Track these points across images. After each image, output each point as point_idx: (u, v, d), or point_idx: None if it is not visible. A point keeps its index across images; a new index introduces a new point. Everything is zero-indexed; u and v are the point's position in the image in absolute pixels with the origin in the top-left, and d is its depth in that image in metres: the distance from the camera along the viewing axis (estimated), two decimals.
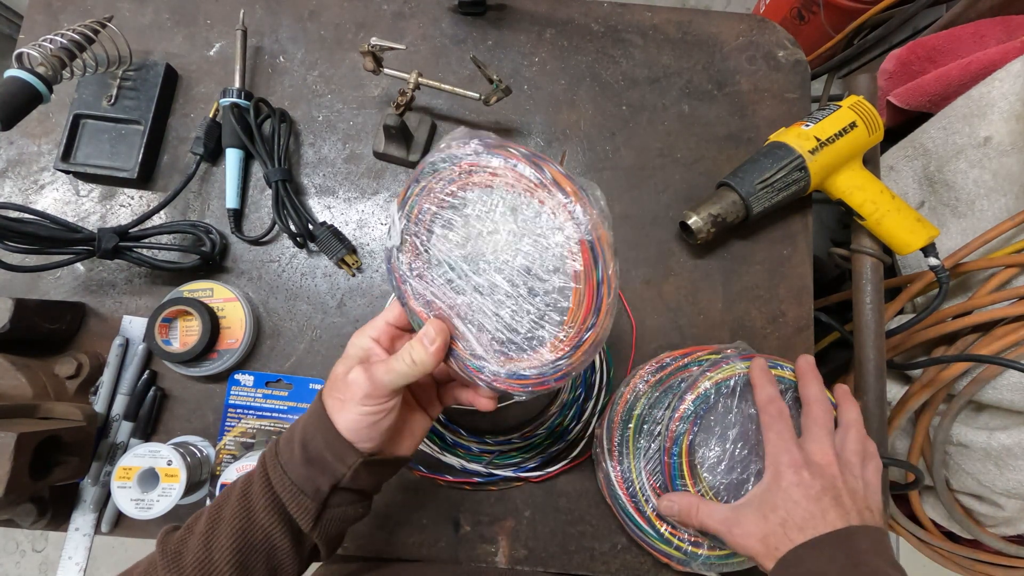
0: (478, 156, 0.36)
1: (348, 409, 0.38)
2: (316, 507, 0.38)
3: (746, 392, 0.51)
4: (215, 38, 0.67)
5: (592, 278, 0.35)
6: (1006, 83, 0.67)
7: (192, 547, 0.37)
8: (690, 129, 0.66)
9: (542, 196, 0.35)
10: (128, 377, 0.57)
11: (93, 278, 0.61)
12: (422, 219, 0.39)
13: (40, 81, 0.51)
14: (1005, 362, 0.61)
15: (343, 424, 0.38)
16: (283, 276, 0.62)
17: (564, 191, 0.35)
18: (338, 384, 0.39)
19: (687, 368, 0.55)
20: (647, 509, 0.53)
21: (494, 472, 0.56)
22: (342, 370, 0.39)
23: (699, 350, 0.56)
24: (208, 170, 0.64)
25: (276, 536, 0.37)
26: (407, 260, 0.40)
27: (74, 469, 0.51)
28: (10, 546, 1.39)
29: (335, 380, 0.39)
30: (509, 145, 0.36)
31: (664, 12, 0.69)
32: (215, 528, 0.37)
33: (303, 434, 0.39)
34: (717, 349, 0.56)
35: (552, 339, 0.37)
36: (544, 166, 0.35)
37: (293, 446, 0.38)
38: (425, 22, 0.68)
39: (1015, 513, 0.69)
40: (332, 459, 0.38)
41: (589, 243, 0.35)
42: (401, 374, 0.38)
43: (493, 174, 0.36)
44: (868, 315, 0.60)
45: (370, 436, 0.38)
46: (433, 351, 0.38)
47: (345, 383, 0.38)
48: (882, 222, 0.58)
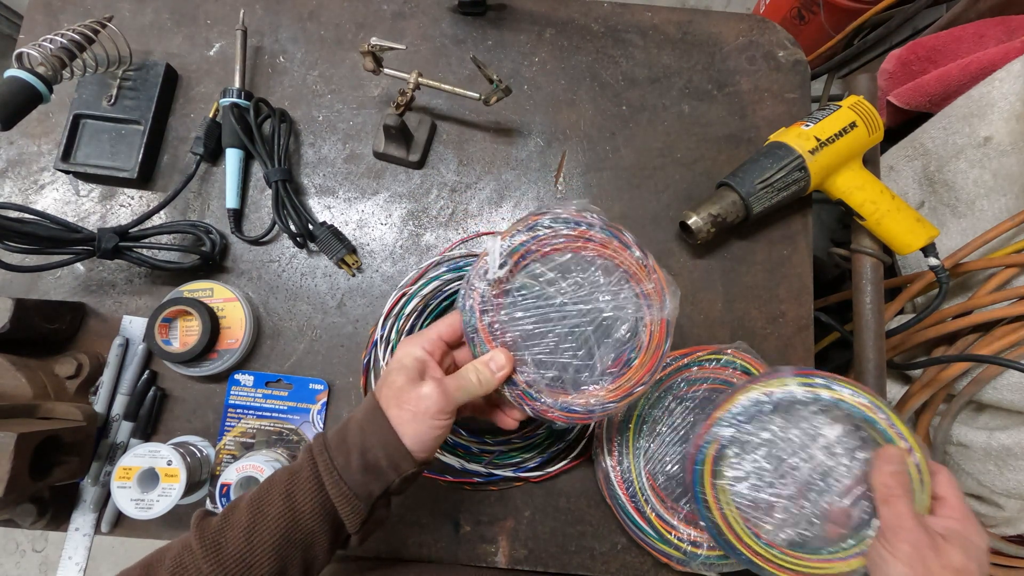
0: (593, 228, 0.45)
1: (420, 422, 0.39)
2: (366, 511, 0.39)
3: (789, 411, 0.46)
4: (215, 38, 0.67)
5: (659, 350, 0.45)
6: (1006, 83, 0.67)
7: (232, 539, 0.37)
8: (690, 129, 0.66)
9: (639, 276, 0.45)
10: (128, 377, 0.57)
11: (93, 278, 0.61)
12: (522, 261, 0.44)
13: (40, 81, 0.51)
14: (1005, 362, 0.61)
15: (412, 436, 0.39)
16: (283, 276, 0.62)
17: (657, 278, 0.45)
18: (404, 396, 0.40)
19: (688, 368, 0.55)
20: (647, 509, 0.53)
21: (494, 472, 0.56)
22: (403, 381, 0.40)
23: (699, 350, 0.56)
24: (208, 170, 0.64)
25: (318, 535, 0.39)
26: (491, 292, 0.44)
27: (74, 469, 0.51)
28: (10, 546, 1.39)
29: (398, 391, 0.40)
30: (623, 229, 0.46)
31: (664, 12, 0.69)
32: (258, 524, 0.38)
33: (362, 442, 0.39)
34: (717, 349, 0.56)
35: (608, 385, 0.44)
36: (648, 254, 0.46)
37: (350, 453, 0.39)
38: (425, 22, 0.68)
39: (1015, 513, 0.69)
40: (387, 467, 0.39)
41: (667, 323, 0.45)
42: (468, 392, 0.41)
43: (603, 246, 0.45)
44: (868, 315, 0.61)
45: (431, 447, 0.40)
46: (499, 376, 0.42)
47: (416, 396, 0.39)
48: (882, 222, 0.58)
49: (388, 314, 0.58)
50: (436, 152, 0.65)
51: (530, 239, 0.44)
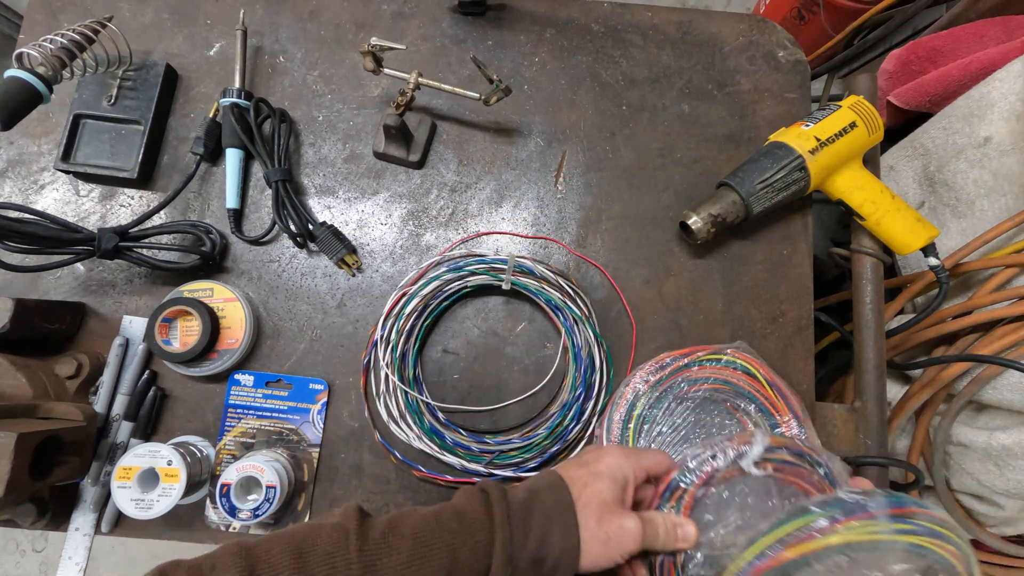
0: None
1: (610, 552, 0.38)
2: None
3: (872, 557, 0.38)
4: (215, 38, 0.67)
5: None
6: (1006, 83, 0.67)
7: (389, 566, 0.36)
8: (690, 129, 0.66)
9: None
10: (128, 377, 0.57)
11: (93, 278, 0.61)
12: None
13: (40, 81, 0.51)
14: (1005, 362, 0.61)
15: (591, 558, 0.38)
16: (283, 276, 0.62)
17: None
18: (607, 516, 0.38)
19: (688, 368, 0.55)
20: None
21: (494, 472, 0.56)
22: (611, 496, 0.39)
23: (699, 350, 0.56)
24: (208, 170, 0.64)
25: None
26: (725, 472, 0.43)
27: (74, 469, 0.51)
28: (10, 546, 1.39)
29: (602, 504, 0.39)
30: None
31: (664, 12, 0.69)
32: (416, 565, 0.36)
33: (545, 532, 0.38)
34: (717, 349, 0.56)
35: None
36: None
37: (529, 537, 0.38)
38: (425, 22, 0.68)
39: (1015, 513, 0.69)
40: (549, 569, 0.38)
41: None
42: (651, 542, 0.40)
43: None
44: (868, 315, 0.61)
45: (590, 572, 0.39)
46: (679, 546, 0.41)
47: (619, 526, 0.38)
48: (882, 222, 0.58)
49: (388, 314, 0.58)
50: (436, 152, 0.65)
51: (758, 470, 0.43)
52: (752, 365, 0.55)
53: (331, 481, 0.58)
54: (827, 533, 0.37)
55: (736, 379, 0.54)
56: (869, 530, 0.37)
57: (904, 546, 0.37)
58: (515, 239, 0.63)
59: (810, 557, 0.37)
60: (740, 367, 0.55)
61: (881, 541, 0.37)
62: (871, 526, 0.37)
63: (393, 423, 0.57)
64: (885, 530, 0.37)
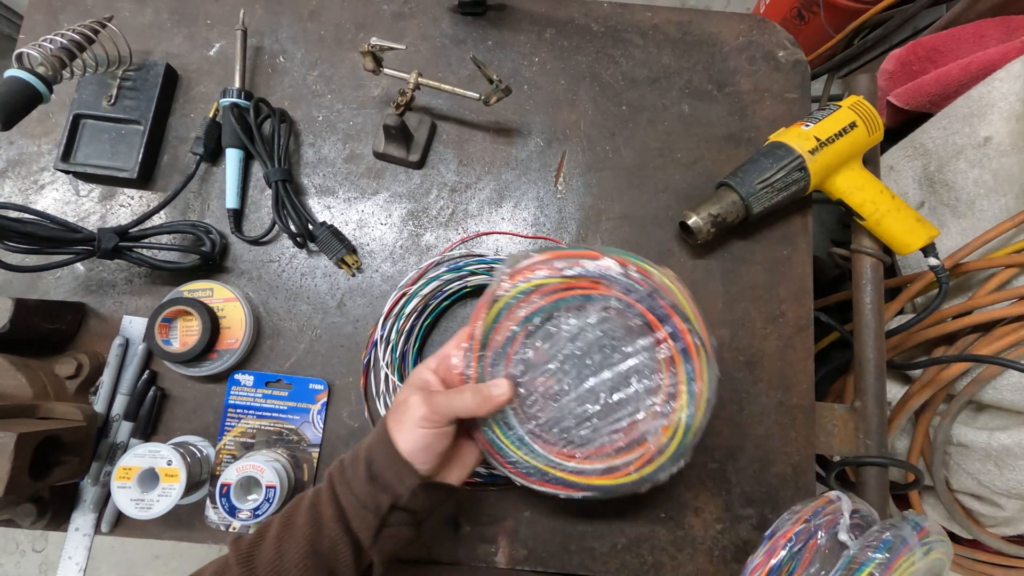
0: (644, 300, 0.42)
1: (407, 430, 0.41)
2: (376, 523, 0.40)
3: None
4: (215, 38, 0.67)
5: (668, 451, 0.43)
6: (1006, 83, 0.67)
7: (265, 550, 0.39)
8: (690, 129, 0.66)
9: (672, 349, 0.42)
10: (128, 377, 0.57)
11: (93, 278, 0.61)
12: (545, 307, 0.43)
13: (40, 81, 0.51)
14: (1005, 362, 0.61)
15: (403, 444, 0.41)
16: (283, 276, 0.62)
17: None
18: (400, 408, 0.42)
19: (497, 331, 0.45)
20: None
21: (494, 472, 0.56)
22: (403, 396, 0.43)
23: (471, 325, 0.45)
24: (208, 170, 0.64)
25: (341, 547, 0.40)
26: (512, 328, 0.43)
27: (74, 469, 0.51)
28: (10, 546, 1.39)
29: (396, 404, 0.43)
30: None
31: (664, 12, 0.69)
32: (286, 534, 0.40)
33: (368, 453, 0.42)
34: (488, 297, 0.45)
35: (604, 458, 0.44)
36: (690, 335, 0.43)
37: (358, 464, 0.41)
38: (425, 22, 0.68)
39: (1015, 513, 0.69)
40: (392, 478, 0.41)
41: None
42: (460, 405, 0.42)
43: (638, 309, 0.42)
44: (868, 315, 0.61)
45: (426, 458, 0.41)
46: (499, 400, 0.43)
47: (405, 406, 0.42)
48: (882, 222, 0.58)
49: (388, 314, 0.58)
50: (436, 152, 0.65)
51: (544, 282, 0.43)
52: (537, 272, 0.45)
53: None
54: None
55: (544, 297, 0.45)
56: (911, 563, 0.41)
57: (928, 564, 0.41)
58: (515, 239, 0.63)
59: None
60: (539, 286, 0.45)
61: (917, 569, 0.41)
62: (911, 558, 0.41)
63: None
64: (919, 557, 0.41)
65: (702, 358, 0.43)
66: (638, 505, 0.58)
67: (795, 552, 0.44)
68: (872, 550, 0.41)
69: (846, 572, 0.41)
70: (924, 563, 0.42)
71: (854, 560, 0.42)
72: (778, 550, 0.45)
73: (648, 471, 0.44)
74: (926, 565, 0.42)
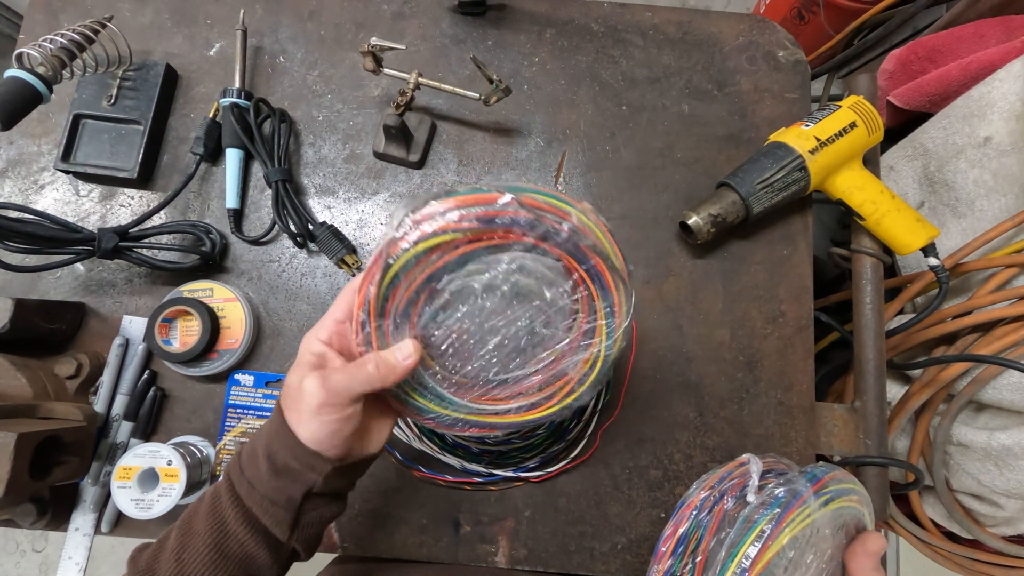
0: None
1: (306, 420, 0.36)
2: (290, 516, 0.37)
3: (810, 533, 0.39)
4: (215, 38, 0.67)
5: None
6: (1006, 83, 0.67)
7: (164, 563, 0.36)
8: (690, 129, 0.66)
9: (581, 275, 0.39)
10: (128, 377, 0.57)
11: (93, 278, 0.61)
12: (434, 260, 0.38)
13: (40, 81, 0.51)
14: (1005, 362, 0.61)
15: (305, 435, 0.36)
16: (283, 276, 0.62)
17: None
18: (293, 393, 0.37)
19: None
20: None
21: (494, 472, 0.56)
22: (295, 379, 0.37)
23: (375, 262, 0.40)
24: (208, 170, 0.64)
25: (251, 546, 0.37)
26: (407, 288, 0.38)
27: (74, 469, 0.51)
28: (10, 546, 1.39)
29: (289, 390, 0.38)
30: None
31: (664, 12, 0.69)
32: (187, 542, 0.36)
33: (267, 447, 0.37)
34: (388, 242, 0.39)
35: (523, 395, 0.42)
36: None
37: (258, 460, 0.37)
38: (425, 22, 0.68)
39: (1015, 513, 0.69)
40: (301, 468, 0.37)
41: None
42: (363, 381, 0.37)
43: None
44: (868, 315, 0.61)
45: (333, 444, 0.37)
46: (406, 365, 0.38)
47: (300, 393, 0.36)
48: (882, 222, 0.58)
49: None
50: (436, 152, 0.65)
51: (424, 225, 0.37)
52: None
53: None
54: (776, 537, 0.38)
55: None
56: (805, 515, 0.39)
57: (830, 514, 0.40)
58: None
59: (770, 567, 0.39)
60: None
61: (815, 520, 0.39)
62: (806, 510, 0.39)
63: None
64: (815, 509, 0.39)
65: (620, 290, 0.41)
66: (638, 505, 0.58)
67: (701, 520, 0.43)
68: (765, 506, 0.40)
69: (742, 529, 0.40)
70: (823, 513, 0.40)
71: (748, 518, 0.40)
72: (684, 520, 0.43)
73: (569, 400, 0.43)
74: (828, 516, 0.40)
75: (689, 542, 0.43)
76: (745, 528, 0.40)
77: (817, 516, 0.39)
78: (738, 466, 0.46)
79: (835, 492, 0.41)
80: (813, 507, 0.40)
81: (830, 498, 0.41)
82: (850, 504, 0.42)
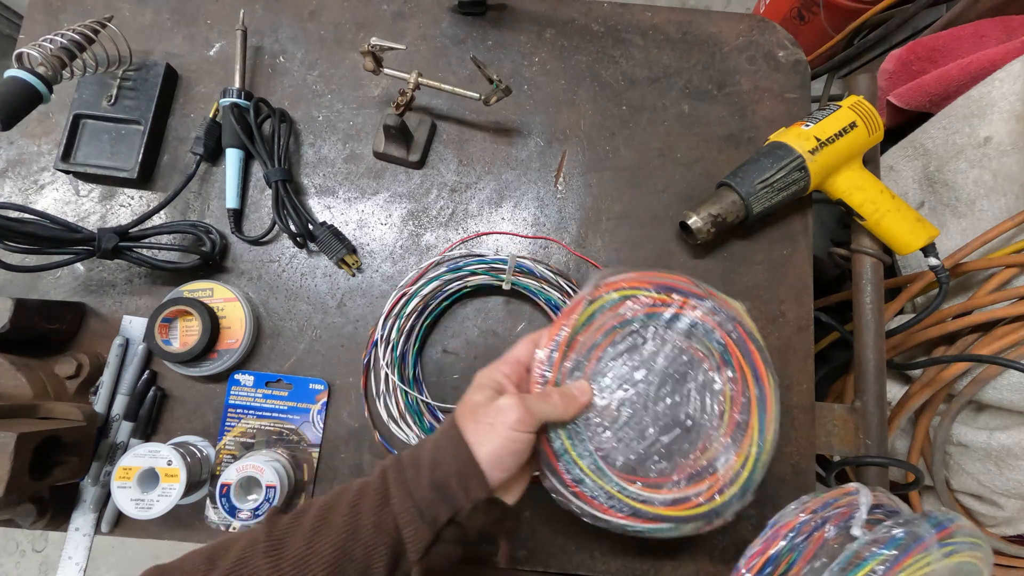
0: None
1: (497, 434, 0.38)
2: (429, 537, 0.37)
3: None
4: (215, 38, 0.67)
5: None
6: (1006, 83, 0.67)
7: (295, 542, 0.36)
8: (690, 129, 0.66)
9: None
10: (128, 377, 0.57)
11: (93, 278, 0.61)
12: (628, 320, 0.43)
13: (40, 81, 0.51)
14: (1005, 362, 0.61)
15: (487, 450, 0.38)
16: (283, 276, 0.62)
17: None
18: (481, 411, 0.39)
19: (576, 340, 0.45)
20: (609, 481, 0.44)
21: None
22: (481, 398, 0.40)
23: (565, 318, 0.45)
24: (208, 170, 0.64)
25: (375, 558, 0.37)
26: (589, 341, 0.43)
27: (74, 469, 0.51)
28: (10, 546, 1.39)
29: (474, 407, 0.40)
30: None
31: (664, 12, 0.69)
32: (321, 531, 0.37)
33: (433, 459, 0.38)
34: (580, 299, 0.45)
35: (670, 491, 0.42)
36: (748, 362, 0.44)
37: (421, 468, 0.38)
38: (425, 22, 0.68)
39: (1015, 513, 0.69)
40: (458, 488, 0.37)
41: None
42: (547, 411, 0.40)
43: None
44: (868, 315, 0.60)
45: (508, 465, 0.39)
46: (582, 401, 0.42)
47: (494, 409, 0.39)
48: (882, 222, 0.58)
49: (388, 314, 0.58)
50: (436, 152, 0.65)
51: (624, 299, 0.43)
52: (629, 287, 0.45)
53: (331, 481, 0.58)
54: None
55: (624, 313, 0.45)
56: (924, 563, 0.37)
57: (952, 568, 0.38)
58: (515, 239, 0.63)
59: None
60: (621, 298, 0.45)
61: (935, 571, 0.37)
62: (926, 558, 0.37)
63: (393, 423, 0.57)
64: (937, 558, 0.37)
65: (772, 388, 0.42)
66: None
67: (796, 543, 0.42)
68: (879, 545, 0.38)
69: (847, 566, 0.38)
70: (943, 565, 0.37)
71: (857, 555, 0.38)
72: (778, 540, 0.42)
73: (718, 503, 0.41)
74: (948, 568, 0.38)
75: (780, 564, 0.41)
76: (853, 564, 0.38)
77: (938, 567, 0.37)
78: (844, 495, 0.44)
79: (960, 545, 0.39)
80: (935, 556, 0.37)
81: (954, 550, 0.38)
82: (974, 561, 0.39)
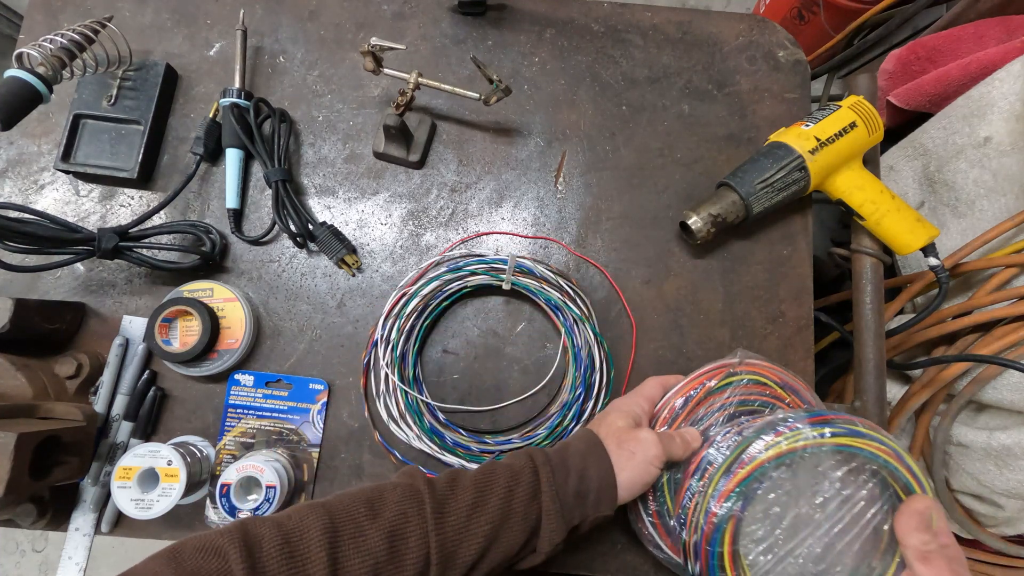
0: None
1: (636, 464, 0.42)
2: (563, 536, 0.41)
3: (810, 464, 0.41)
4: (215, 38, 0.67)
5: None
6: (1006, 83, 0.67)
7: (455, 511, 0.40)
8: (690, 129, 0.66)
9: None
10: (128, 377, 0.57)
11: (93, 278, 0.61)
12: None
13: (40, 81, 0.51)
14: (1005, 362, 0.61)
15: (626, 476, 0.42)
16: (283, 276, 0.62)
17: None
18: (625, 436, 0.44)
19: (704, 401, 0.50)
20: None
21: None
22: (624, 425, 0.45)
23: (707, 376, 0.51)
24: (208, 170, 0.64)
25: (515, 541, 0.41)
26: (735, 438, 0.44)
27: (74, 469, 0.51)
28: (10, 546, 1.39)
29: (619, 432, 0.44)
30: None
31: (664, 12, 0.69)
32: (479, 508, 0.40)
33: (582, 468, 0.42)
34: (724, 369, 0.51)
35: None
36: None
37: (569, 474, 0.42)
38: (425, 22, 0.68)
39: (1015, 513, 0.69)
40: (594, 500, 0.41)
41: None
42: (672, 451, 0.44)
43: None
44: (868, 315, 0.60)
45: (636, 492, 0.43)
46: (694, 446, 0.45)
47: (637, 439, 0.43)
48: (882, 222, 0.58)
49: (388, 314, 0.58)
50: (436, 152, 0.65)
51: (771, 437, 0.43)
52: (763, 374, 0.51)
53: (331, 481, 0.58)
54: (761, 452, 0.41)
55: (749, 393, 0.50)
56: (794, 439, 0.41)
57: (829, 448, 0.41)
58: (515, 239, 0.63)
59: (755, 475, 0.42)
60: (753, 380, 0.50)
61: (807, 447, 0.40)
62: (796, 436, 0.41)
63: (393, 423, 0.57)
64: (808, 436, 0.40)
65: None
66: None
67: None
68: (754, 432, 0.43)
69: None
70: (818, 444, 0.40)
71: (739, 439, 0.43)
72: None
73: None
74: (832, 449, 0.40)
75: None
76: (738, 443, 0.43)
77: (809, 443, 0.40)
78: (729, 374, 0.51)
79: (841, 430, 0.41)
80: (805, 435, 0.41)
81: (833, 434, 0.41)
82: (866, 448, 0.40)
